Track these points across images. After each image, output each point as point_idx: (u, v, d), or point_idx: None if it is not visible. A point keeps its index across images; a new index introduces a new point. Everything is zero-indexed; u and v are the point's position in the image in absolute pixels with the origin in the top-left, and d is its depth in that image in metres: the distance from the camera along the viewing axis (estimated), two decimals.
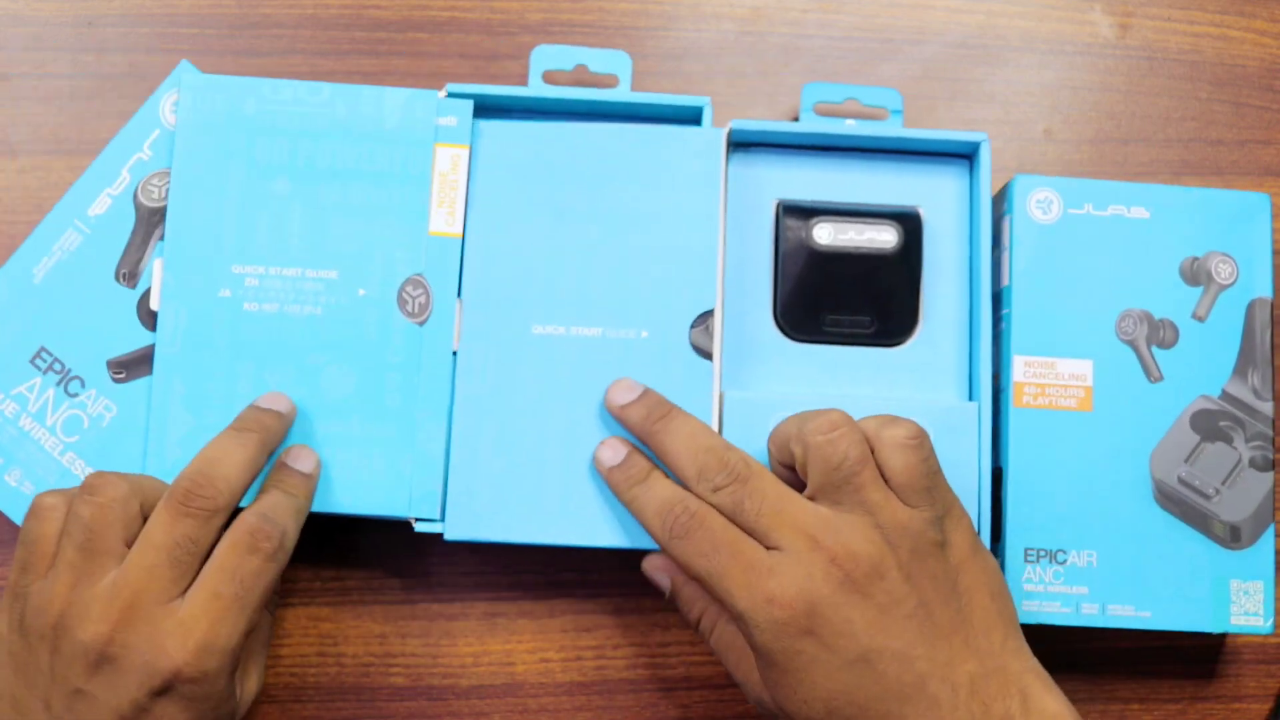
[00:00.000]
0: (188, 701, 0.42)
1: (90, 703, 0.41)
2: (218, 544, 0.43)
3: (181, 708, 0.42)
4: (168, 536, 0.42)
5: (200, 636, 0.41)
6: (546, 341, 0.49)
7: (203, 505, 0.42)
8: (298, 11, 0.56)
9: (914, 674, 0.41)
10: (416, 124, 0.49)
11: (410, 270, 0.49)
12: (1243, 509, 0.49)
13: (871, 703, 0.41)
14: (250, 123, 0.49)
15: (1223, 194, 0.51)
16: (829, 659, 0.41)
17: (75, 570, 0.42)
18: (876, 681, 0.41)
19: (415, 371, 0.48)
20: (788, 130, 0.51)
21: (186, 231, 0.48)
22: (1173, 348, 0.50)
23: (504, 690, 0.52)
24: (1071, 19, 0.58)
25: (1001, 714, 0.40)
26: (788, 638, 0.41)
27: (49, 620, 0.42)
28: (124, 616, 0.41)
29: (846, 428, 0.43)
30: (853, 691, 0.41)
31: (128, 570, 0.42)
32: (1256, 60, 0.58)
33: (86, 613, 0.41)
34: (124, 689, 0.41)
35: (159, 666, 0.41)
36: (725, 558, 0.43)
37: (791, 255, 0.51)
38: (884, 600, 0.41)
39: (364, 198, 0.49)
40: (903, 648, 0.41)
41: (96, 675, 0.41)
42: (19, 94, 0.54)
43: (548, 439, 0.48)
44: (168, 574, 0.42)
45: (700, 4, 0.57)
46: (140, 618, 0.41)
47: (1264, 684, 0.54)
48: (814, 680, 0.41)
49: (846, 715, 0.41)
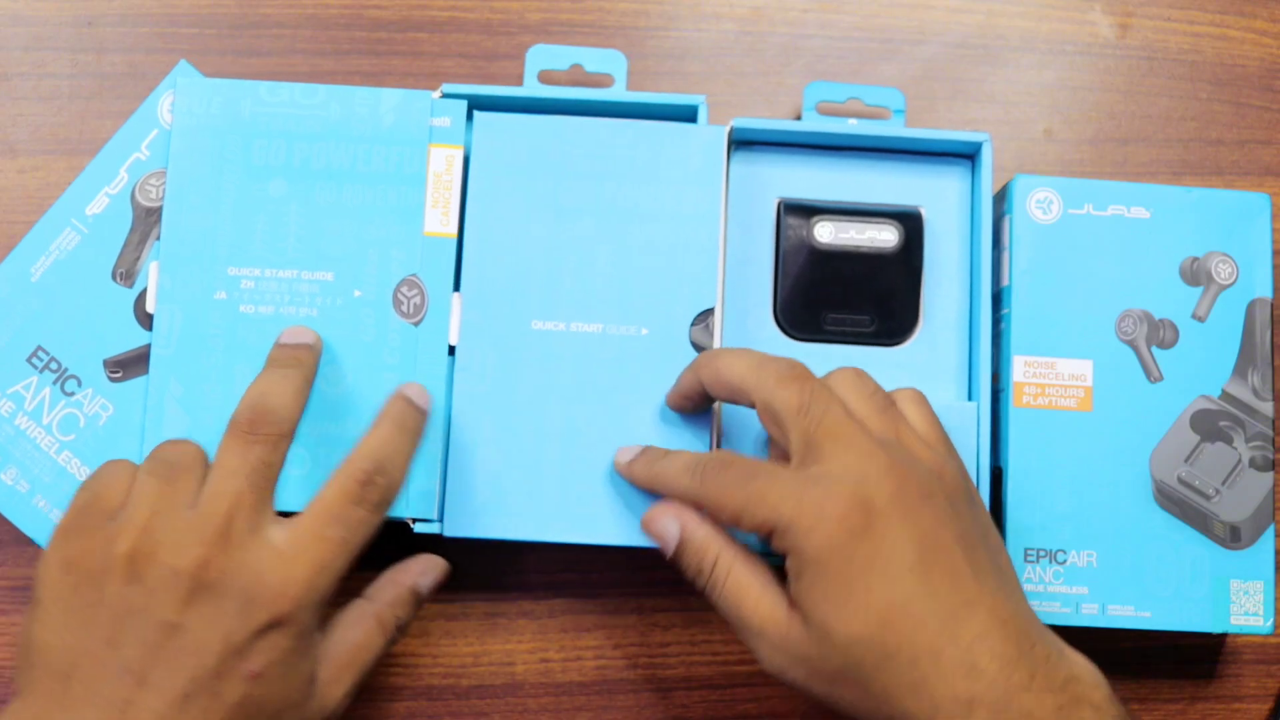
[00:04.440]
0: (278, 640, 0.39)
1: (180, 636, 0.38)
2: (326, 484, 0.42)
3: (271, 645, 0.39)
4: (243, 461, 0.41)
5: (302, 572, 0.40)
6: (546, 338, 0.49)
7: (269, 431, 0.41)
8: (297, 11, 0.56)
9: (967, 595, 0.39)
10: (411, 124, 0.49)
11: (405, 271, 0.48)
12: (1243, 509, 0.49)
13: (928, 618, 0.38)
14: (245, 125, 0.49)
15: (1223, 194, 0.51)
16: (886, 564, 0.39)
17: (157, 500, 0.40)
18: (933, 595, 0.39)
19: (411, 372, 0.48)
20: (790, 129, 0.51)
21: (182, 234, 0.48)
22: (1173, 348, 0.50)
23: (504, 690, 0.52)
24: (1071, 19, 0.58)
25: (1044, 656, 0.39)
26: (843, 538, 0.39)
27: (123, 550, 0.39)
28: (219, 541, 0.39)
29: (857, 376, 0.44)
30: (911, 601, 0.39)
31: (211, 497, 0.40)
32: (1256, 60, 0.58)
33: (176, 539, 0.39)
34: (222, 620, 0.38)
35: (260, 597, 0.39)
36: (766, 478, 0.41)
37: (792, 254, 0.51)
38: (935, 517, 0.40)
39: (359, 199, 0.49)
40: (954, 566, 0.39)
41: (192, 605, 0.38)
42: (19, 94, 0.54)
43: (546, 435, 0.48)
44: (250, 499, 0.40)
45: (700, 4, 0.57)
46: (235, 544, 0.39)
47: (1264, 684, 0.54)
48: (869, 586, 0.39)
49: (900, 631, 0.38)
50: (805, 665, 0.40)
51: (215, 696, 0.38)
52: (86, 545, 0.40)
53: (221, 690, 0.38)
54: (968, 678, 0.38)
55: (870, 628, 0.39)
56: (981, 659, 0.38)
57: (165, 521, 0.39)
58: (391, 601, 0.45)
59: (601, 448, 0.48)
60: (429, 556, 0.47)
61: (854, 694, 0.40)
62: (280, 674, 0.40)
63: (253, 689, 0.39)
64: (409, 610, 0.45)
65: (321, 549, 0.40)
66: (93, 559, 0.39)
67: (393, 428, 0.44)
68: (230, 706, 0.38)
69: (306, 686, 0.41)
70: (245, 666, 0.39)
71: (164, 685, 0.38)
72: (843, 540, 0.39)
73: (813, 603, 0.40)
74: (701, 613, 0.53)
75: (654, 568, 0.53)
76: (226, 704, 0.38)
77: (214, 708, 0.38)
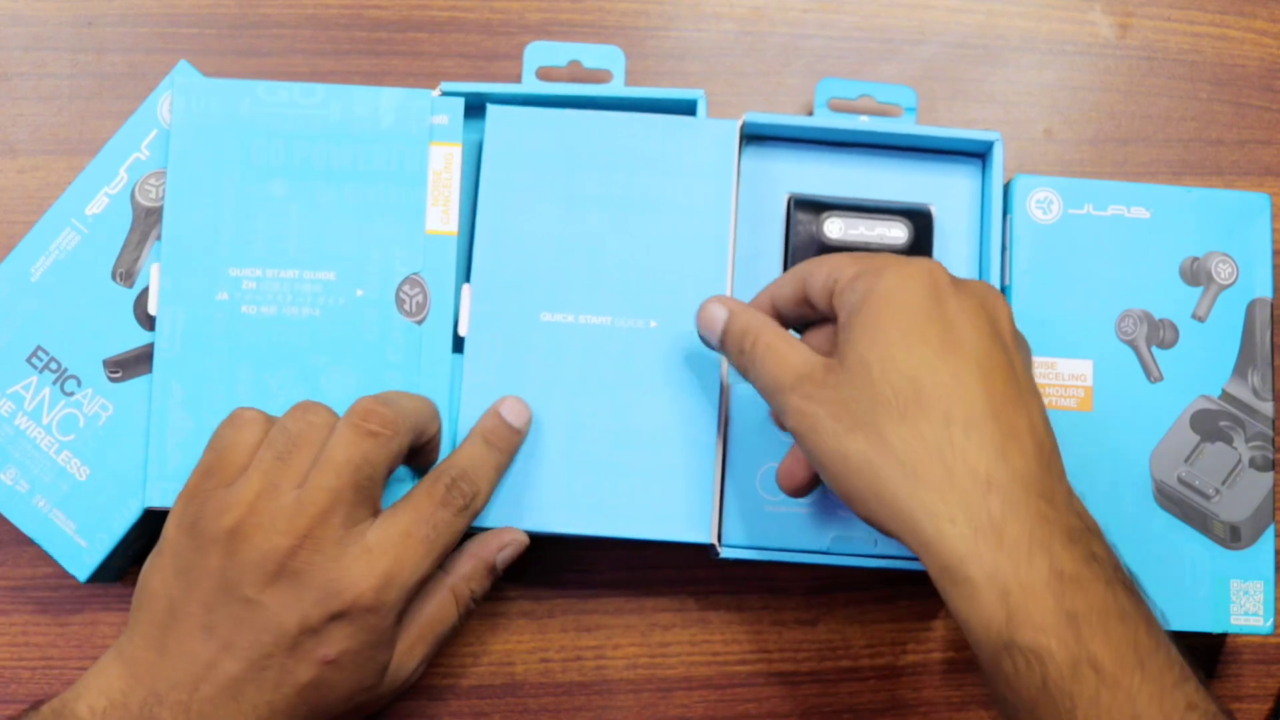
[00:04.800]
0: (355, 631, 0.41)
1: (258, 612, 0.41)
2: (415, 487, 0.44)
3: (348, 636, 0.41)
4: (348, 456, 0.42)
5: (386, 568, 0.41)
6: (555, 329, 0.49)
7: (381, 424, 0.42)
8: (298, 11, 0.56)
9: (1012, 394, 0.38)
10: (411, 123, 0.49)
11: (407, 270, 0.48)
12: (1243, 509, 0.49)
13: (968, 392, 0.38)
14: (245, 125, 0.49)
15: (1223, 194, 0.51)
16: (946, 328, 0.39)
17: (268, 478, 0.42)
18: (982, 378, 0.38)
19: (415, 370, 0.48)
20: (801, 124, 0.51)
21: (183, 235, 0.48)
22: (1173, 348, 0.50)
23: (504, 690, 0.52)
24: (1071, 19, 0.58)
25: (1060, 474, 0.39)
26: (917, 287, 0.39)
27: (228, 524, 0.41)
28: (311, 534, 0.41)
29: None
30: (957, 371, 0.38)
31: (312, 489, 0.41)
32: (1256, 60, 0.58)
33: (273, 523, 0.41)
34: (299, 605, 0.40)
35: (340, 589, 0.41)
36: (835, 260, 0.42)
37: (802, 249, 0.51)
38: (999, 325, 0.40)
39: (360, 198, 0.49)
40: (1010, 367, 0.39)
41: (272, 587, 0.41)
42: (19, 94, 0.54)
43: (554, 428, 0.48)
44: (351, 496, 0.42)
45: (700, 4, 0.57)
46: (327, 538, 0.41)
47: (1264, 684, 0.54)
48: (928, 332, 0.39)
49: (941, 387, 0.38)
50: (827, 407, 0.39)
51: (288, 672, 0.41)
52: (201, 511, 0.42)
53: (294, 668, 0.41)
54: (995, 460, 0.37)
55: (915, 368, 0.38)
56: (1012, 453, 0.37)
57: (269, 503, 0.41)
58: (468, 575, 0.46)
59: (609, 440, 0.48)
60: (509, 530, 0.47)
61: (864, 446, 0.38)
62: (354, 662, 0.42)
63: (326, 672, 0.41)
64: (484, 583, 0.47)
65: (405, 547, 0.42)
66: (204, 526, 0.42)
67: (481, 443, 0.46)
68: (302, 684, 0.41)
69: (380, 673, 0.43)
70: (320, 651, 0.41)
71: (241, 653, 0.41)
72: (916, 289, 0.39)
73: (863, 332, 0.39)
74: (701, 613, 0.53)
75: (655, 567, 0.53)
76: (299, 681, 0.41)
77: (286, 682, 0.41)
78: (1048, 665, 0.35)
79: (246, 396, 0.47)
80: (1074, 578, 0.36)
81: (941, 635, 0.53)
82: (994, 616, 0.36)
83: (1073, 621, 0.35)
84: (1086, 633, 0.35)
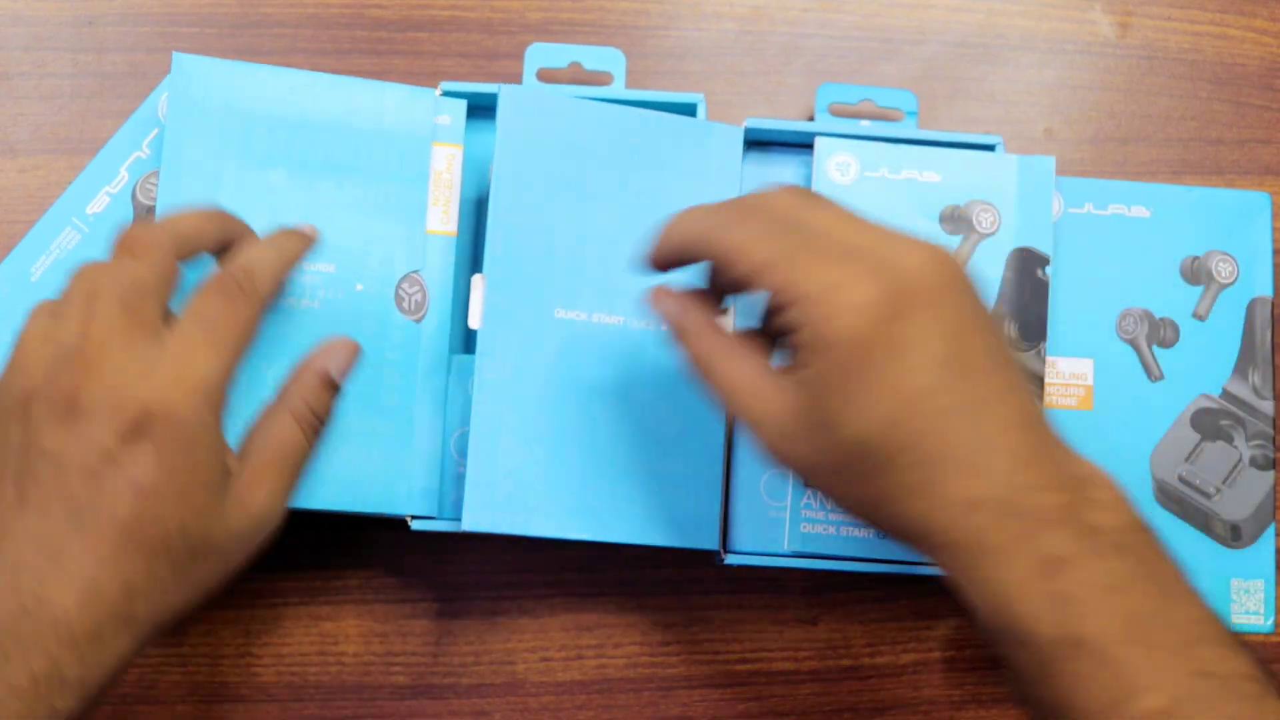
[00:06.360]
0: (161, 449, 0.38)
1: (59, 461, 0.38)
2: (193, 292, 0.41)
3: (152, 454, 0.38)
4: (113, 280, 0.40)
5: (169, 369, 0.39)
6: (568, 327, 0.48)
7: (138, 244, 0.41)
8: (298, 10, 0.56)
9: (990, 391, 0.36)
10: (415, 121, 0.49)
11: (407, 267, 0.48)
12: (1243, 508, 0.49)
13: (944, 416, 0.36)
14: (247, 109, 0.48)
15: (1223, 193, 0.51)
16: (912, 354, 0.35)
17: (48, 338, 0.40)
18: (952, 391, 0.36)
19: (413, 369, 0.48)
20: (802, 130, 0.51)
21: None
22: (1173, 347, 0.50)
23: (505, 689, 0.52)
24: (1071, 18, 0.58)
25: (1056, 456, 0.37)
26: (871, 321, 0.35)
27: (17, 394, 0.39)
28: (90, 366, 0.38)
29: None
30: (927, 399, 0.35)
31: (84, 326, 0.39)
32: (1256, 59, 0.58)
33: (55, 373, 0.38)
34: (92, 436, 0.38)
35: (126, 402, 0.38)
36: (803, 237, 0.37)
37: None
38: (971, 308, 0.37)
39: (361, 192, 0.48)
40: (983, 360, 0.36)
41: (66, 431, 0.38)
42: (19, 93, 0.54)
43: (566, 429, 0.47)
44: (123, 320, 0.39)
45: (700, 3, 0.57)
46: (107, 365, 0.38)
47: None
48: (889, 380, 0.35)
49: (915, 428, 0.36)
50: (807, 457, 0.38)
51: (103, 512, 0.37)
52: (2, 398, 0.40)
53: (109, 505, 0.38)
54: (977, 477, 0.36)
55: (884, 423, 0.36)
56: (994, 459, 0.36)
57: (50, 358, 0.39)
58: (301, 392, 0.44)
59: (619, 444, 0.48)
60: (336, 339, 0.46)
61: (858, 489, 0.37)
62: (173, 485, 0.39)
63: (145, 504, 0.38)
64: (323, 398, 0.45)
65: (186, 347, 0.40)
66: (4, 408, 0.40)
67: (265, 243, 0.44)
68: (123, 521, 0.38)
69: (212, 496, 0.40)
70: (127, 476, 0.38)
71: (46, 508, 0.38)
72: (870, 324, 0.35)
73: (822, 390, 0.36)
74: (703, 612, 0.53)
75: (656, 566, 0.53)
76: (118, 518, 0.38)
77: (105, 523, 0.37)
78: (1041, 650, 0.35)
79: (244, 387, 0.46)
80: (1060, 559, 0.35)
81: (941, 635, 0.53)
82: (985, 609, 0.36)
83: (1063, 603, 0.35)
84: (1074, 612, 0.35)
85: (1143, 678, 0.34)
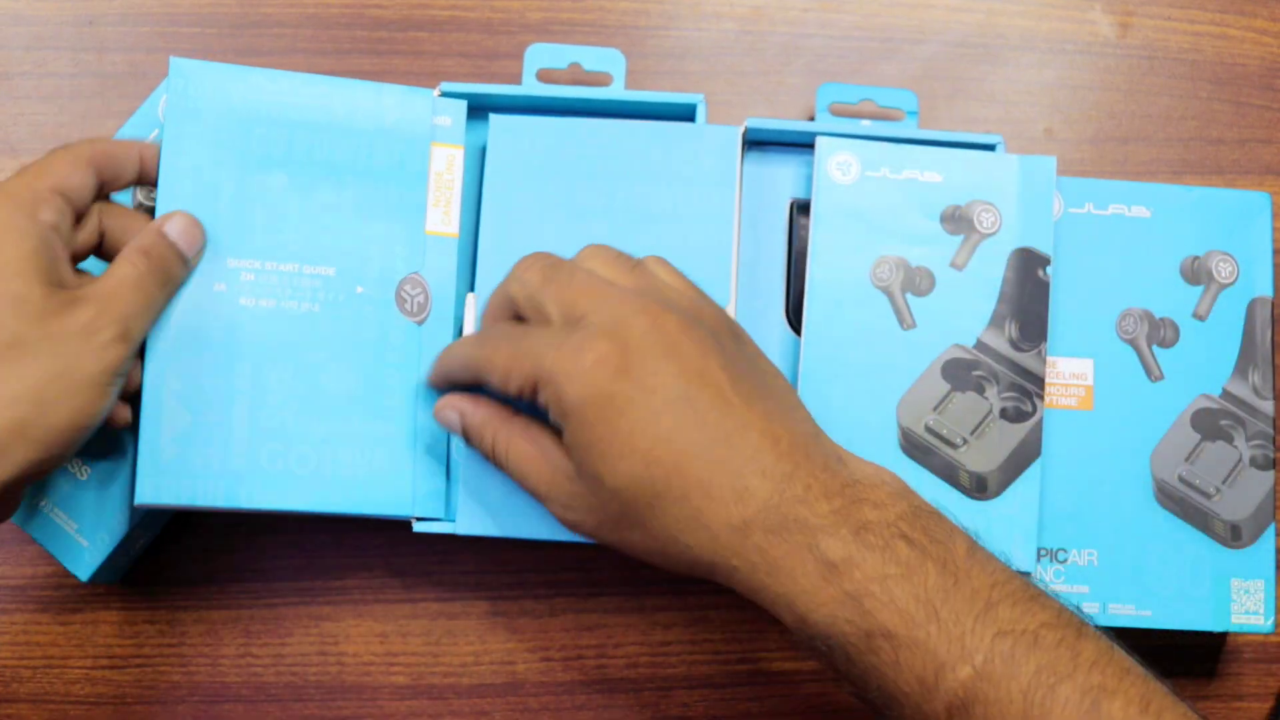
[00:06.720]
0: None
1: None
2: None
3: None
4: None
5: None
6: None
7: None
8: (298, 10, 0.56)
9: (735, 420, 0.39)
10: (414, 122, 0.49)
11: (408, 269, 0.48)
12: (1243, 508, 0.49)
13: (695, 449, 0.38)
14: (246, 113, 0.47)
15: (1223, 193, 0.51)
16: (647, 400, 0.39)
17: None
18: (699, 426, 0.39)
19: (415, 371, 0.48)
20: (802, 129, 0.51)
21: None
22: (1173, 347, 0.50)
23: (505, 689, 0.52)
24: (1072, 18, 0.58)
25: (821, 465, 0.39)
26: (602, 381, 0.39)
27: None
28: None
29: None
30: (676, 435, 0.38)
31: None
32: (1256, 59, 0.58)
33: None
34: None
35: None
36: (533, 335, 0.41)
37: (804, 254, 0.51)
38: (697, 348, 0.40)
39: (361, 194, 0.48)
40: (721, 394, 0.39)
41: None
42: (20, 93, 0.54)
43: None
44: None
45: (700, 3, 0.57)
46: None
47: (1264, 683, 0.54)
48: (631, 428, 0.38)
49: (668, 466, 0.38)
50: (591, 516, 0.41)
51: None
52: None
53: None
54: (739, 502, 0.38)
55: (637, 469, 0.39)
56: (753, 481, 0.38)
57: None
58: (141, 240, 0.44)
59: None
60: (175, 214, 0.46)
61: (639, 537, 0.40)
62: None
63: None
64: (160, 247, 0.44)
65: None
66: None
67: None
68: None
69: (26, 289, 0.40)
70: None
71: None
72: (602, 383, 0.39)
73: (580, 453, 0.40)
74: (703, 612, 0.53)
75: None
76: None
77: None
78: (848, 648, 0.37)
79: (245, 391, 0.46)
80: (842, 560, 0.37)
81: None
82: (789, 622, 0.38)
83: (854, 600, 0.37)
84: (867, 606, 0.37)
85: (946, 652, 0.36)
